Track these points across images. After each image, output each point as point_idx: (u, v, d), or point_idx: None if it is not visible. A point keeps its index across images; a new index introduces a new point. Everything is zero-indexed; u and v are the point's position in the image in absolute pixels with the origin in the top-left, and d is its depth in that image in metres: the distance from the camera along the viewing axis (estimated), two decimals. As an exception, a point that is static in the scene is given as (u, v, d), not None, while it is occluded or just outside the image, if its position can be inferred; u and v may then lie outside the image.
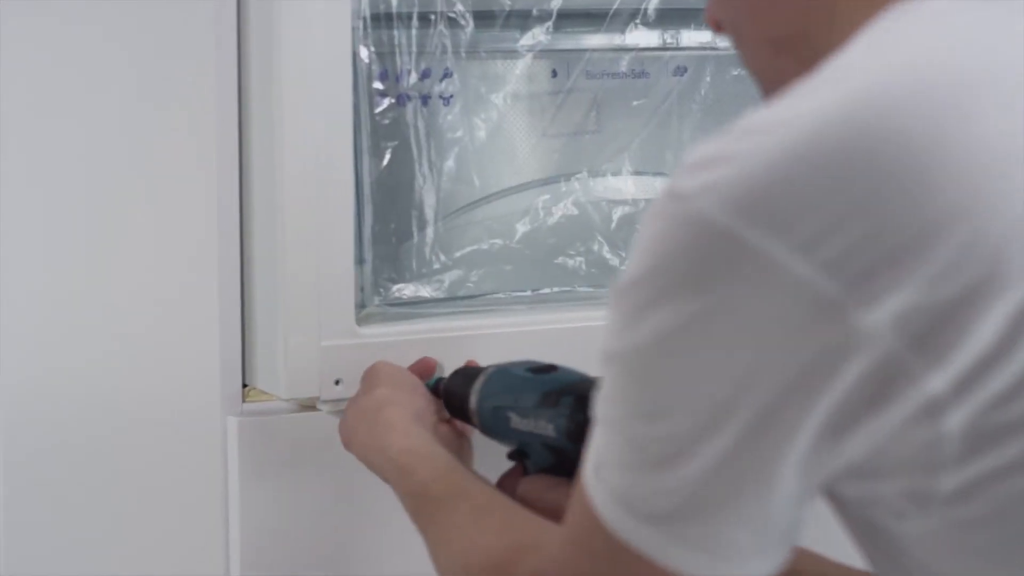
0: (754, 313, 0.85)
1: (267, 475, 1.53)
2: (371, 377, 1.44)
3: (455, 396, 1.41)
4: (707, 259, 0.86)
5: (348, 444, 1.42)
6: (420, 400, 1.40)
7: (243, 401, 1.53)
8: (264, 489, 1.52)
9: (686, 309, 0.87)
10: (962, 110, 0.87)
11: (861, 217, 0.84)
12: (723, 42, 1.28)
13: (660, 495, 0.90)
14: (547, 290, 1.69)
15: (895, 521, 0.91)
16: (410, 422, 1.36)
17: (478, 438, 1.42)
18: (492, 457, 1.37)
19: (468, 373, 1.41)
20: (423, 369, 1.48)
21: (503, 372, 1.38)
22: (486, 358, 1.57)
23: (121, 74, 1.47)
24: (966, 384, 0.85)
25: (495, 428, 1.36)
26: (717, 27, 1.09)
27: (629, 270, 0.90)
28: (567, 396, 1.29)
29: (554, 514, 1.28)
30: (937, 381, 0.84)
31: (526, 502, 1.30)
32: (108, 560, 1.51)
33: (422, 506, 1.27)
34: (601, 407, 0.94)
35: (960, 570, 0.91)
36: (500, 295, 1.66)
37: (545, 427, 1.30)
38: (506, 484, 1.34)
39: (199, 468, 1.52)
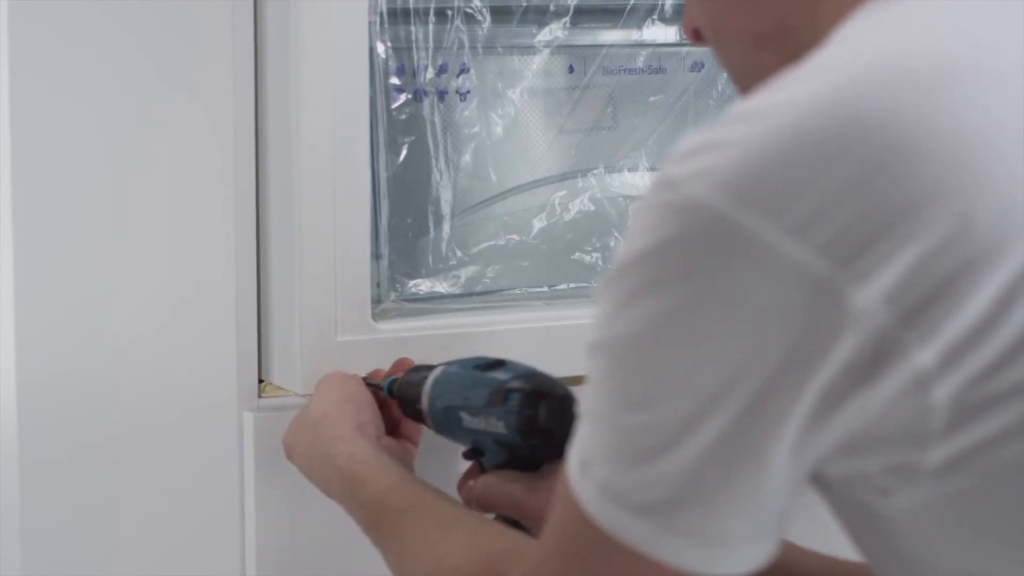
0: (747, 296, 0.85)
1: (283, 470, 1.52)
2: (319, 389, 1.43)
3: (406, 398, 1.40)
4: (700, 243, 0.86)
5: (290, 454, 1.42)
6: (366, 412, 1.39)
7: (259, 396, 1.53)
8: (280, 484, 1.52)
9: (678, 294, 0.86)
10: (948, 94, 0.88)
11: (851, 197, 0.84)
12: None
13: (652, 485, 0.89)
14: (563, 286, 1.69)
15: (882, 499, 0.90)
16: (354, 432, 1.35)
17: (431, 439, 1.41)
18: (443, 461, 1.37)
19: (418, 374, 1.40)
20: (395, 370, 1.46)
21: (451, 371, 1.36)
22: (502, 354, 1.57)
23: (138, 72, 1.47)
24: (954, 357, 0.85)
25: (448, 427, 1.35)
26: (696, 36, 1.09)
27: (619, 259, 0.90)
28: (515, 393, 1.28)
29: (514, 509, 1.28)
30: (926, 354, 0.84)
31: (485, 499, 1.30)
32: (124, 557, 1.51)
33: (381, 518, 1.25)
34: (587, 401, 0.93)
35: (948, 546, 0.91)
36: (516, 291, 1.66)
37: (496, 424, 1.30)
38: (464, 485, 1.34)
39: (215, 463, 1.52)
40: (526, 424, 1.28)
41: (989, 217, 0.85)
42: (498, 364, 1.34)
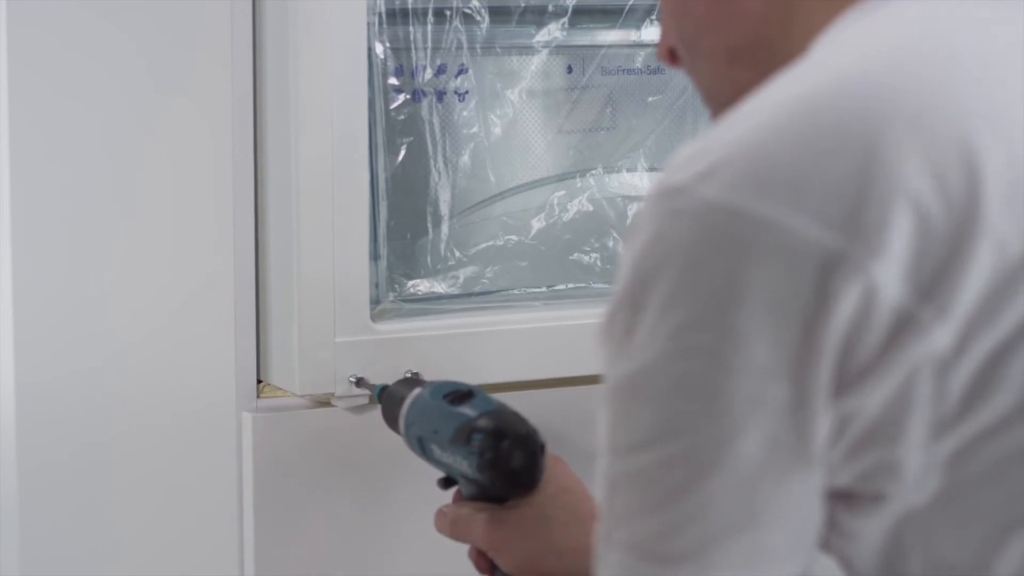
0: (773, 286, 0.84)
1: (281, 471, 1.53)
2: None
3: (388, 416, 1.41)
4: (718, 244, 0.84)
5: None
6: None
7: (258, 397, 1.53)
8: (278, 485, 1.52)
9: (700, 301, 0.84)
10: (948, 76, 0.88)
11: (861, 175, 0.84)
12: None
13: (691, 523, 0.86)
14: (562, 286, 1.68)
15: (889, 504, 0.88)
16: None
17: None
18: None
19: (399, 391, 1.40)
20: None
21: (424, 399, 1.37)
22: (501, 355, 1.57)
23: (137, 72, 1.47)
24: (968, 337, 0.84)
25: (423, 455, 1.37)
26: (671, 58, 1.08)
27: (624, 284, 0.87)
28: (478, 433, 1.29)
29: (479, 541, 1.30)
30: (943, 335, 0.84)
31: (454, 528, 1.32)
32: (122, 557, 1.51)
33: None
34: (608, 456, 0.89)
35: (953, 548, 0.89)
36: (515, 291, 1.66)
37: (460, 462, 1.31)
38: (439, 510, 1.35)
39: (214, 464, 1.52)
40: (488, 464, 1.29)
41: (984, 195, 0.85)
42: (468, 395, 1.34)
